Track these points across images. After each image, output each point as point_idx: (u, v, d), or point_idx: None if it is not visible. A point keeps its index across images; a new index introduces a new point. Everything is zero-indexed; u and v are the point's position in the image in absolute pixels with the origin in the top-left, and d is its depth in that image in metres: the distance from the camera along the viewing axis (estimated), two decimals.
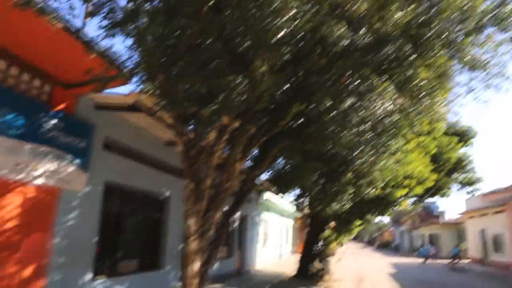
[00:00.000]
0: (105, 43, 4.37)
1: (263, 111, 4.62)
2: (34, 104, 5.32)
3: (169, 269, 8.85)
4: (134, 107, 6.00)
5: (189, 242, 4.73)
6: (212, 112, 3.64)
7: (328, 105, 4.28)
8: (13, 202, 4.99)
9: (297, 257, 16.93)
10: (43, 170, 5.37)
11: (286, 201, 23.58)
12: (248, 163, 6.34)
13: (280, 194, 13.63)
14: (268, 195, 17.73)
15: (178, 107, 3.83)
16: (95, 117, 6.44)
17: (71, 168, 5.85)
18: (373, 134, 5.15)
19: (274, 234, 22.03)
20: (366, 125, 4.82)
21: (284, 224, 26.02)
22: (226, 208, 5.76)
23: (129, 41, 4.09)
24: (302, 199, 11.03)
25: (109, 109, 6.55)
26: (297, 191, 10.29)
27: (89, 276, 6.29)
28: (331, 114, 4.43)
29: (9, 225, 4.93)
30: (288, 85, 4.03)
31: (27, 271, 5.14)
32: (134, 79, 4.78)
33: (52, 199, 5.60)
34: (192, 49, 3.61)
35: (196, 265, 4.79)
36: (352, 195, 8.49)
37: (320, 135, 4.97)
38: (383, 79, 4.43)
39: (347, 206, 8.91)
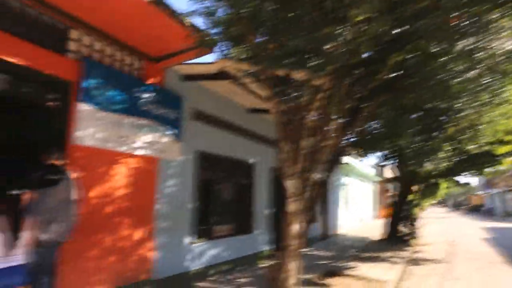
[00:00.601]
0: (192, 10, 4.35)
1: (358, 65, 4.30)
2: (130, 80, 5.62)
3: (258, 233, 9.15)
4: (220, 75, 6.05)
5: (289, 203, 4.72)
6: (313, 68, 3.45)
7: (434, 50, 3.82)
8: (120, 172, 5.42)
9: (379, 222, 16.42)
10: (143, 141, 5.72)
11: (367, 165, 22.87)
12: (340, 123, 6.06)
13: (361, 158, 13.08)
14: (349, 159, 17.29)
15: (272, 67, 3.70)
16: (183, 88, 6.66)
17: (166, 139, 6.16)
18: (484, 81, 4.54)
19: (355, 199, 21.63)
20: (478, 70, 4.25)
21: (366, 189, 25.36)
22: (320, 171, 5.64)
23: (218, 6, 4.01)
24: (389, 161, 10.44)
25: (195, 79, 6.70)
26: (385, 152, 9.74)
27: (190, 238, 6.73)
28: (438, 61, 3.96)
29: (119, 192, 5.37)
30: (389, 32, 3.65)
31: (139, 234, 5.63)
32: (221, 46, 4.76)
33: (153, 168, 5.99)
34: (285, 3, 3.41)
35: (296, 226, 4.79)
36: (451, 152, 7.78)
37: (422, 86, 4.52)
38: (500, 15, 3.81)
39: (444, 164, 8.21)
